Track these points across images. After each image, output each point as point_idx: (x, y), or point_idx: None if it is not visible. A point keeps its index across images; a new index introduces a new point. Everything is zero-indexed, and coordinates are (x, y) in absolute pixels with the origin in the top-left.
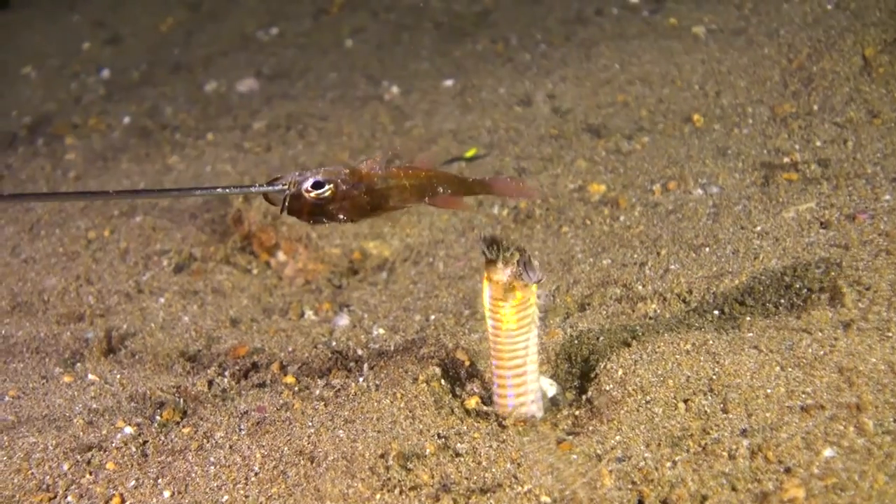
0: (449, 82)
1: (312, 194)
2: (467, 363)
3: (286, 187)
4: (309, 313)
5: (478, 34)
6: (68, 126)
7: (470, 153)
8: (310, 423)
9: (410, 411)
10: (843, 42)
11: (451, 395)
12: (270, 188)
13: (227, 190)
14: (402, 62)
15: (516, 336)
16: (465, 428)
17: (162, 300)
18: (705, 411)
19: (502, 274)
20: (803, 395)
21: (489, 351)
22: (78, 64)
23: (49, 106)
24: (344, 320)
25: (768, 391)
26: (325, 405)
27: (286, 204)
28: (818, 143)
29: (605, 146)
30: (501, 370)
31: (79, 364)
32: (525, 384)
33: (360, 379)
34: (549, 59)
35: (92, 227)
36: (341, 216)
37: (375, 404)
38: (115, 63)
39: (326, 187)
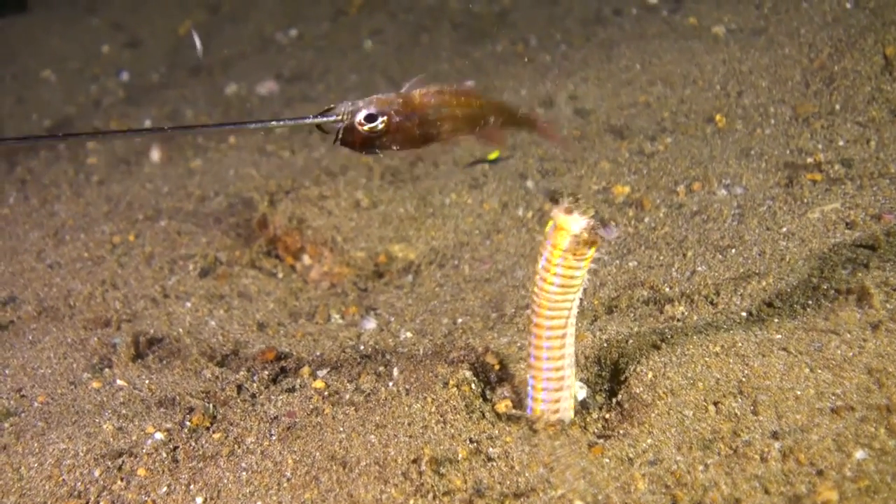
0: (469, 84)
1: (366, 127)
2: (497, 367)
3: (339, 118)
4: (335, 317)
5: (497, 35)
6: (89, 129)
7: (493, 155)
8: (341, 428)
9: (441, 416)
10: (864, 41)
11: (481, 399)
12: (324, 119)
13: (282, 122)
14: (422, 63)
15: (561, 297)
16: (496, 432)
17: (188, 304)
18: (735, 413)
19: (576, 224)
20: (833, 397)
21: (530, 313)
22: (97, 67)
23: (69, 109)
24: (371, 324)
25: (798, 393)
26: (356, 410)
27: (339, 136)
28: (841, 143)
29: (628, 147)
30: (540, 329)
31: (107, 369)
32: (564, 349)
33: (390, 383)
34: (570, 60)
35: (117, 232)
36: (394, 147)
37: (406, 409)
38: (134, 66)
39: (379, 120)
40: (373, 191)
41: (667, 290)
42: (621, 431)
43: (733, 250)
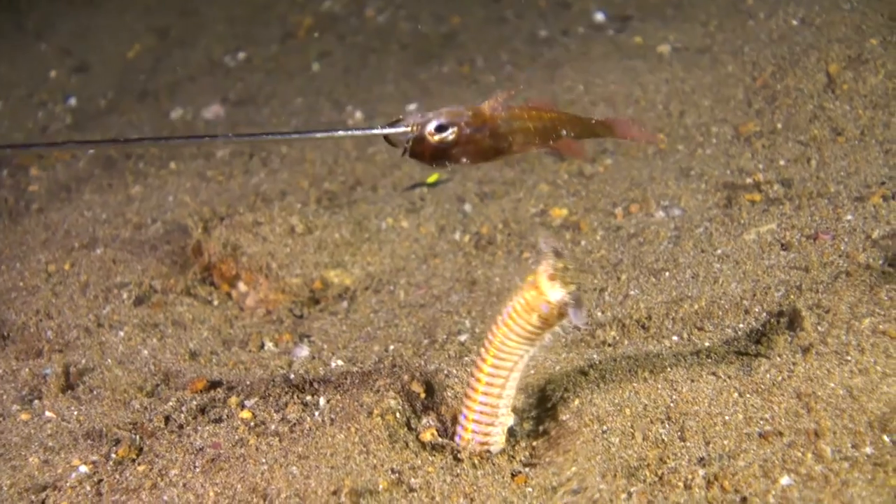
0: (413, 106)
1: (436, 137)
2: (423, 395)
3: (409, 130)
4: (269, 345)
5: (444, 56)
6: (33, 157)
7: (432, 178)
8: (263, 460)
9: (364, 446)
10: (808, 59)
11: (406, 429)
12: (393, 130)
13: (349, 132)
14: (368, 86)
15: (515, 345)
16: (419, 462)
17: (122, 334)
18: (663, 440)
19: (553, 293)
20: (761, 422)
21: (480, 348)
22: (45, 93)
23: (16, 136)
24: (304, 351)
25: (726, 418)
26: (280, 440)
27: (409, 147)
28: (782, 163)
29: (567, 169)
30: (480, 373)
31: (36, 401)
32: (502, 391)
33: (316, 413)
34: (514, 81)
35: (52, 261)
36: (464, 160)
37: (330, 439)
38: (82, 91)
39: (450, 130)
40: (308, 216)
41: (598, 314)
42: (547, 459)
43: (667, 273)
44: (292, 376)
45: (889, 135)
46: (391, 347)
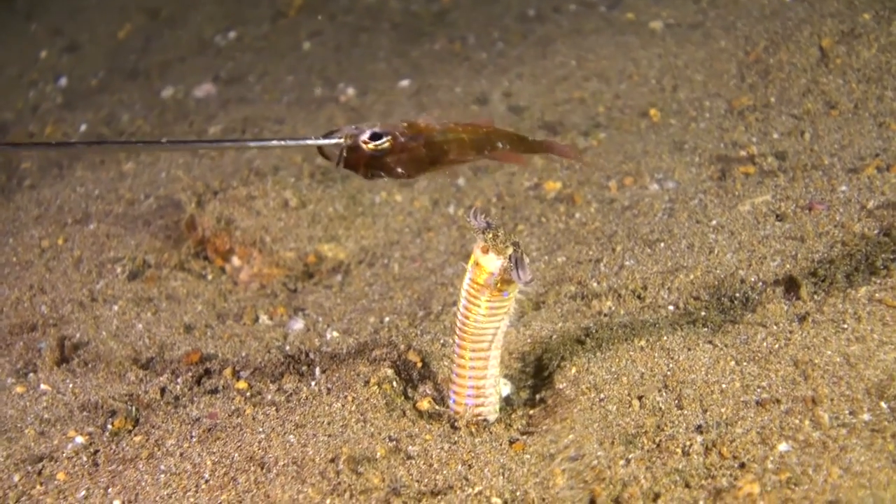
0: (405, 83)
1: (370, 146)
2: (420, 364)
3: (343, 140)
4: (263, 318)
5: (435, 34)
6: (25, 135)
7: None
8: (260, 429)
9: (362, 414)
10: (800, 33)
11: (402, 398)
12: (326, 141)
13: (284, 142)
14: (359, 64)
15: (485, 324)
16: (416, 430)
17: (116, 308)
18: (660, 408)
19: (491, 263)
20: (759, 390)
21: (453, 337)
22: (36, 72)
23: (6, 115)
24: (298, 324)
25: (723, 386)
26: (277, 410)
27: (342, 157)
28: (775, 136)
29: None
30: (462, 359)
31: (31, 374)
32: (485, 378)
33: (313, 383)
34: (506, 58)
35: (45, 236)
36: (399, 170)
37: (326, 408)
38: (72, 71)
39: (385, 139)
40: (301, 190)
41: (594, 285)
42: (544, 427)
43: (662, 244)
44: (287, 348)
45: (882, 108)
46: (386, 319)
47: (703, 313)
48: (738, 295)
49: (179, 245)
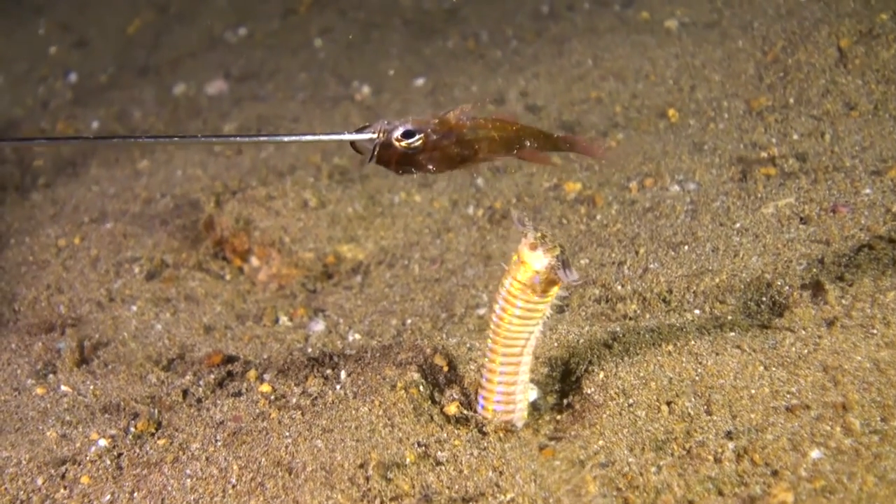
0: (420, 81)
1: (403, 143)
2: (446, 368)
3: (376, 136)
4: (283, 319)
5: (448, 31)
6: (36, 132)
7: None
8: (287, 433)
9: (389, 419)
10: (818, 33)
11: (430, 402)
12: (360, 136)
13: (317, 137)
14: (373, 61)
15: (519, 327)
16: (445, 435)
17: (134, 308)
18: (689, 413)
19: (538, 261)
20: (788, 395)
21: (487, 338)
22: (45, 68)
23: (16, 111)
24: (319, 326)
25: (752, 392)
26: (303, 414)
27: (375, 153)
28: (795, 137)
29: None
30: (493, 363)
31: (51, 375)
32: (515, 384)
33: (338, 386)
34: (521, 56)
35: (62, 235)
36: (430, 167)
37: (353, 412)
38: (82, 67)
39: (417, 136)
40: (321, 190)
41: (619, 288)
42: (573, 433)
43: (686, 247)
44: (310, 350)
45: None
46: (409, 321)
47: (729, 317)
48: (764, 299)
49: (197, 245)
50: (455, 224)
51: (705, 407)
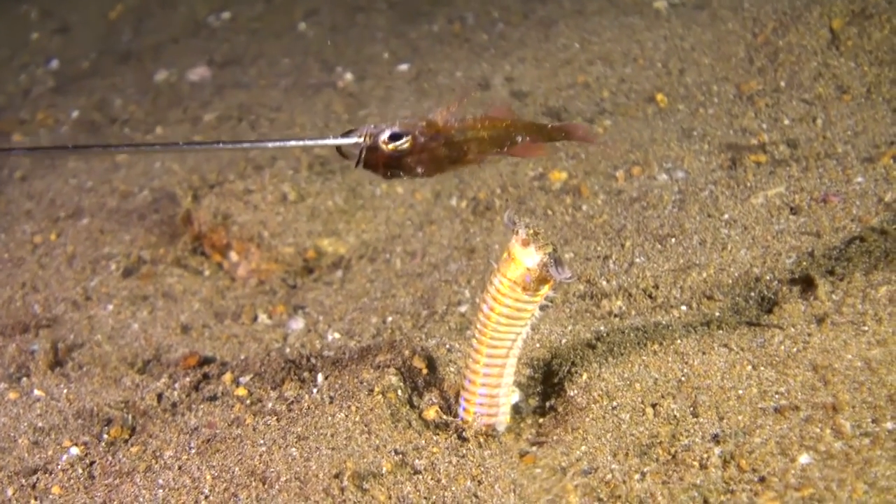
0: (404, 67)
1: (390, 146)
2: (425, 371)
3: (362, 140)
4: (262, 317)
5: (434, 13)
6: (16, 122)
7: None
8: (261, 441)
9: (366, 426)
10: (810, 14)
11: (408, 407)
12: (345, 140)
13: (302, 142)
14: (357, 45)
15: (506, 328)
16: (423, 442)
17: (110, 307)
18: (675, 416)
19: (530, 258)
20: (777, 396)
21: (470, 338)
22: (27, 55)
23: None
24: (298, 324)
25: (740, 392)
26: (278, 420)
27: (362, 157)
28: (786, 122)
29: None
30: (477, 364)
31: (24, 379)
32: (498, 387)
33: (314, 391)
34: (508, 40)
35: (38, 231)
36: (419, 169)
37: (329, 419)
38: (64, 53)
39: (404, 139)
40: (300, 183)
41: (604, 283)
42: (555, 438)
43: (673, 239)
44: (287, 350)
45: None
46: (389, 319)
47: (717, 314)
48: (752, 294)
49: (175, 240)
50: (438, 216)
51: (691, 409)
